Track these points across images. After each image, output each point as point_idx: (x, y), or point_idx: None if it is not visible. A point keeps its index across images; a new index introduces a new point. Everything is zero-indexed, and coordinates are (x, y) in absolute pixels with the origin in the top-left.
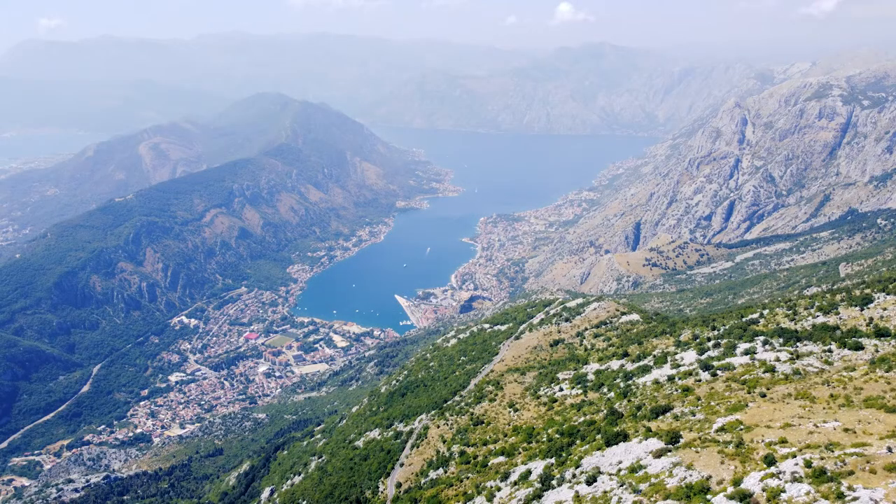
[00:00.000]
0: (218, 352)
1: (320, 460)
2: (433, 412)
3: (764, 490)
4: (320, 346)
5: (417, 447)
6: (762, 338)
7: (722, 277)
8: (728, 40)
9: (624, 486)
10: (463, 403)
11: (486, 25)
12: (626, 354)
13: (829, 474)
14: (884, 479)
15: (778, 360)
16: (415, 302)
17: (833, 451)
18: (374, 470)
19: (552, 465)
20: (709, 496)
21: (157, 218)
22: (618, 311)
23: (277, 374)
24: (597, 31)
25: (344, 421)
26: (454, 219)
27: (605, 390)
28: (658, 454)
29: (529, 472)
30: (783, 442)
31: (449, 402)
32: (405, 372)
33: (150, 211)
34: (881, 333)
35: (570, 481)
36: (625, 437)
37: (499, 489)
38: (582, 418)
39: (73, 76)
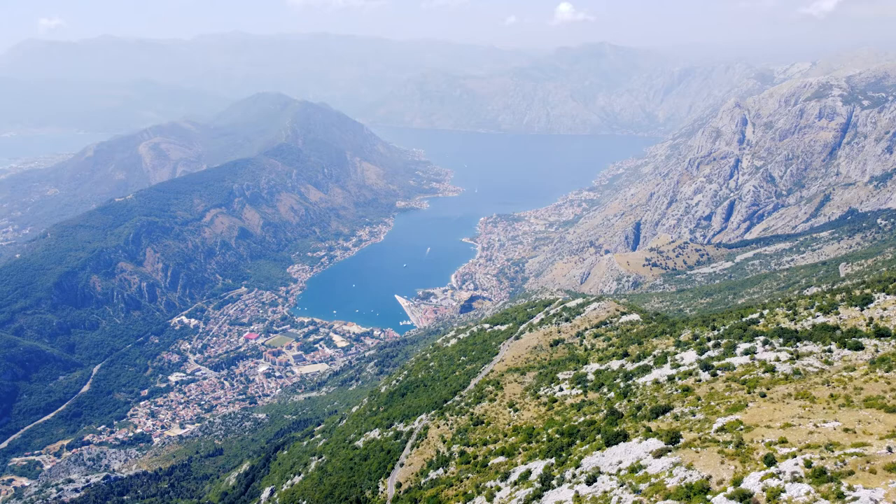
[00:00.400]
0: (218, 352)
1: (320, 460)
2: (433, 412)
3: (764, 490)
4: (320, 346)
5: (417, 447)
6: (762, 338)
7: (722, 277)
8: (728, 40)
9: (624, 486)
10: (463, 403)
11: (486, 25)
12: (626, 354)
13: (829, 474)
14: (884, 479)
15: (778, 360)
16: (415, 302)
17: (833, 451)
18: (374, 470)
19: (552, 465)
20: (709, 496)
21: (157, 218)
22: (618, 311)
23: (277, 374)
24: (597, 31)
25: (344, 421)
26: (454, 219)
27: (605, 390)
28: (658, 454)
29: (529, 472)
30: (783, 442)
31: (449, 402)
32: (405, 372)
33: (150, 211)
34: (881, 333)
35: (570, 481)
36: (625, 437)
37: (499, 489)
38: (582, 418)
39: (73, 76)
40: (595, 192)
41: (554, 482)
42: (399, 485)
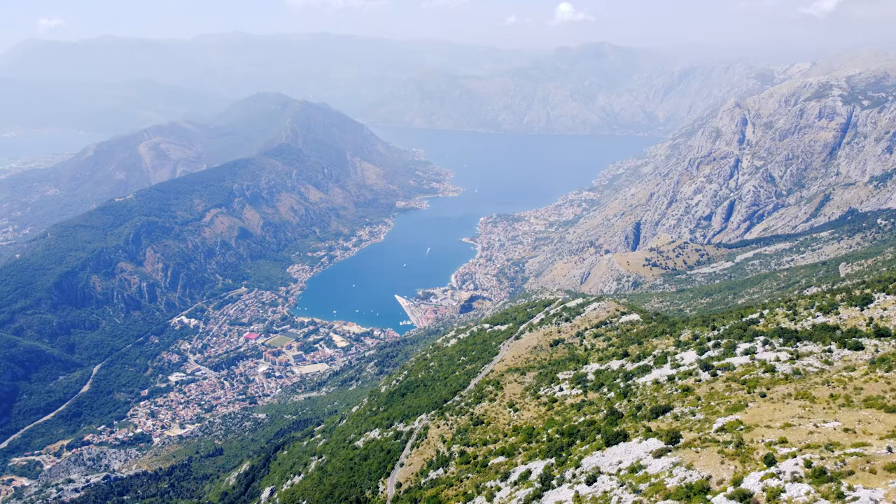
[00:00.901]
0: (218, 352)
1: (320, 460)
2: (433, 412)
3: (764, 490)
4: (320, 346)
5: (417, 447)
6: (762, 338)
7: (722, 277)
8: (728, 40)
9: (624, 486)
10: (463, 403)
11: (486, 25)
12: (626, 354)
13: (829, 474)
14: (884, 479)
15: (778, 360)
16: (415, 302)
17: (833, 451)
18: (374, 470)
19: (552, 465)
20: (709, 496)
21: (157, 218)
22: (618, 311)
23: (277, 374)
24: (597, 31)
25: (344, 421)
26: (454, 219)
27: (605, 390)
28: (658, 454)
29: (529, 472)
30: (783, 442)
31: (449, 402)
32: (405, 372)
33: (150, 211)
34: (881, 333)
35: (570, 481)
36: (625, 437)
37: (499, 489)
38: (582, 418)
39: (73, 76)
40: (595, 192)
41: (554, 482)
42: (399, 485)
